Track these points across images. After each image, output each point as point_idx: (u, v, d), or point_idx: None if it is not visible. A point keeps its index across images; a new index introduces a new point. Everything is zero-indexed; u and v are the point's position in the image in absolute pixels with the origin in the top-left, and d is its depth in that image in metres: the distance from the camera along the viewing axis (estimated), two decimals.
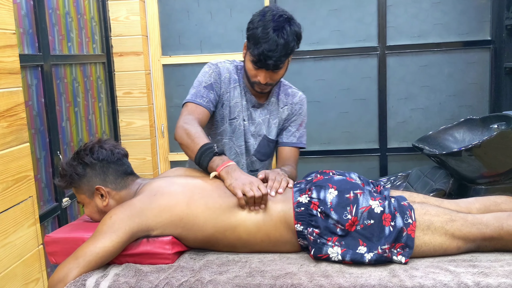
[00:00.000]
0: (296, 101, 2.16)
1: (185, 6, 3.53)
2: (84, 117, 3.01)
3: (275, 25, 1.85)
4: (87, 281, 1.41)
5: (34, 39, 2.46)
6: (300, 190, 1.62)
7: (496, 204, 1.63)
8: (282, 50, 1.85)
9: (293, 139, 2.16)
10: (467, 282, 1.32)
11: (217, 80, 2.06)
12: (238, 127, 2.11)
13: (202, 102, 1.99)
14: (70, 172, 1.67)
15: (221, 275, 1.42)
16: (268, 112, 2.13)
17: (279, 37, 1.84)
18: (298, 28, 1.92)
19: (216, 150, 1.76)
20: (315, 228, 1.52)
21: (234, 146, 2.13)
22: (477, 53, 3.42)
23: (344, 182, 1.58)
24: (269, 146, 2.17)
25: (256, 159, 2.17)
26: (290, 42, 1.86)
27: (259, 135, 2.13)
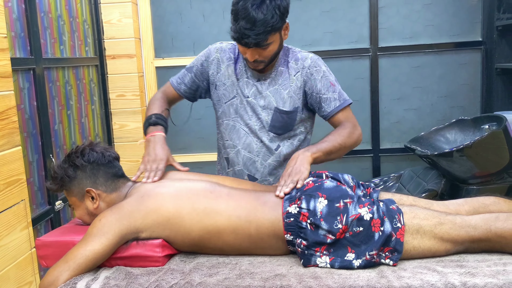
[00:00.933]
0: (308, 64, 1.99)
1: (177, 8, 3.54)
2: (77, 120, 3.01)
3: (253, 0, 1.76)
4: (77, 284, 1.42)
5: (26, 42, 2.46)
6: (290, 198, 1.61)
7: (485, 205, 1.64)
8: (260, 26, 1.75)
9: (336, 103, 1.97)
10: (454, 282, 1.33)
11: (203, 62, 2.08)
12: (239, 105, 2.03)
13: (174, 82, 2.14)
14: (61, 175, 1.68)
15: (211, 277, 1.43)
16: (277, 83, 2.00)
17: (257, 12, 1.74)
18: (283, 1, 1.80)
19: (151, 121, 1.96)
20: (303, 240, 1.52)
21: (240, 126, 2.04)
22: (468, 54, 3.44)
23: (334, 190, 1.58)
24: (284, 118, 2.00)
25: (274, 134, 2.02)
26: (268, 18, 1.76)
27: (270, 108, 1.99)
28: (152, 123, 1.96)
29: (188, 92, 2.12)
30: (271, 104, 1.99)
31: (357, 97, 3.53)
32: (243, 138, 2.04)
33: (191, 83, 2.10)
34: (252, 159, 2.03)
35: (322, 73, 1.98)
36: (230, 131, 2.06)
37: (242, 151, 2.04)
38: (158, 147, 1.88)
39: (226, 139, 2.09)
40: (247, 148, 2.03)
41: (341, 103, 1.98)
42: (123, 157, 3.50)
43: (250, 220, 1.57)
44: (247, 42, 1.79)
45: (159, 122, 1.97)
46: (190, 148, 3.66)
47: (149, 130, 1.96)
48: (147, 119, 2.00)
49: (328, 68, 2.03)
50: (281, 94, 1.99)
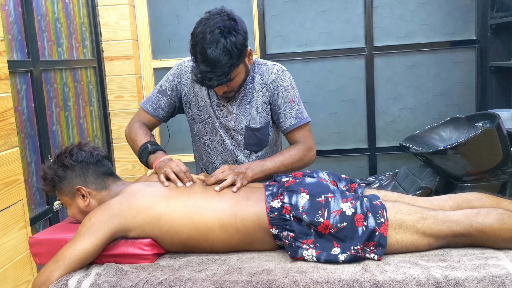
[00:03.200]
0: (272, 79, 1.99)
1: (174, 10, 3.58)
2: (75, 121, 3.05)
3: (210, 41, 1.72)
4: (69, 281, 1.45)
5: (23, 45, 2.50)
6: (273, 194, 1.65)
7: (468, 201, 1.67)
8: (219, 68, 1.74)
9: (292, 121, 1.99)
10: (436, 276, 1.36)
11: (175, 83, 2.05)
12: (214, 125, 2.04)
13: (150, 109, 2.09)
14: (51, 175, 1.72)
15: (200, 272, 1.47)
16: (246, 101, 2.00)
17: (215, 55, 1.72)
18: (238, 36, 1.77)
19: (150, 149, 1.93)
20: (290, 232, 1.56)
21: (217, 145, 2.07)
22: (463, 53, 3.46)
23: (315, 186, 1.62)
24: (256, 135, 2.03)
25: (249, 151, 2.06)
26: (227, 59, 1.74)
27: (241, 127, 2.01)
28: (152, 151, 1.93)
29: (165, 115, 2.10)
30: (241, 124, 2.01)
31: (352, 97, 3.57)
32: (220, 156, 2.08)
33: (168, 106, 2.08)
34: None
35: (284, 88, 1.99)
36: (207, 148, 2.09)
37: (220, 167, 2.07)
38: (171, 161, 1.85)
39: (204, 155, 2.12)
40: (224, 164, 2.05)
41: (297, 121, 1.99)
42: (121, 157, 3.55)
43: (235, 213, 1.61)
44: (210, 85, 1.80)
45: (158, 148, 1.95)
46: (189, 149, 3.68)
47: (151, 159, 1.92)
48: (143, 149, 1.96)
49: (292, 83, 2.02)
50: (250, 112, 2.00)
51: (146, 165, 1.96)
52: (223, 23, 1.75)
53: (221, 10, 1.81)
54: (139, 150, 1.97)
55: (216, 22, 1.75)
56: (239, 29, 1.78)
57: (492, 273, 1.36)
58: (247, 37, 1.83)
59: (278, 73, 2.00)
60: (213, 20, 1.76)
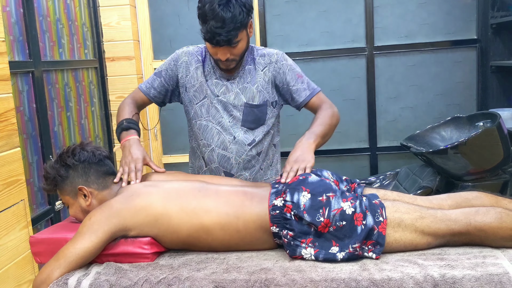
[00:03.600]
0: (275, 59, 2.09)
1: (175, 11, 3.59)
2: (77, 121, 3.07)
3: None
4: (69, 280, 1.46)
5: (25, 46, 2.51)
6: (277, 192, 1.65)
7: (467, 200, 1.68)
8: (229, 24, 1.83)
9: (307, 93, 2.07)
10: (433, 274, 1.37)
11: (171, 66, 2.11)
12: (210, 105, 2.08)
13: (143, 87, 2.16)
14: (54, 175, 1.73)
15: (199, 271, 1.48)
16: (246, 80, 2.07)
17: (225, 11, 1.81)
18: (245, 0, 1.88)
19: (123, 126, 2.00)
20: (289, 231, 1.56)
21: (213, 125, 2.09)
22: (463, 52, 3.47)
23: (317, 185, 1.62)
24: (255, 112, 2.07)
25: (246, 128, 2.08)
26: (237, 15, 1.83)
27: (241, 104, 2.06)
28: (125, 128, 2.00)
29: (157, 96, 2.15)
30: (241, 100, 2.06)
31: (353, 96, 3.57)
32: (216, 137, 2.09)
33: (160, 87, 2.13)
34: (227, 156, 2.08)
35: (288, 66, 2.08)
36: (203, 130, 2.11)
37: (216, 149, 2.09)
38: (134, 148, 1.92)
39: (200, 138, 2.13)
40: (221, 145, 2.08)
41: (311, 91, 2.08)
42: None
43: (238, 215, 1.61)
44: (218, 40, 1.85)
45: (131, 127, 2.01)
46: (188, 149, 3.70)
47: (122, 135, 2.01)
48: (119, 125, 2.05)
49: (293, 62, 2.12)
50: (250, 89, 2.06)
51: (119, 140, 2.04)
52: None
53: None
54: (118, 124, 2.06)
55: None
56: None
57: (490, 272, 1.36)
58: (252, 3, 1.93)
59: (279, 54, 2.10)
60: None
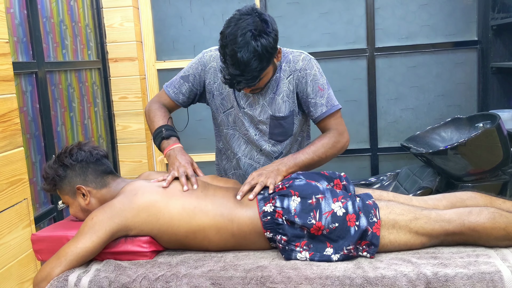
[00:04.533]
0: (300, 67, 1.93)
1: (178, 12, 3.62)
2: (80, 121, 3.10)
3: (241, 44, 1.70)
4: (69, 277, 1.50)
5: (28, 47, 2.54)
6: (264, 198, 1.67)
7: (462, 200, 1.69)
8: (249, 72, 1.73)
9: (323, 109, 1.94)
10: (426, 273, 1.39)
11: (199, 71, 2.03)
12: (237, 116, 2.01)
13: (171, 92, 2.09)
14: (52, 175, 1.76)
15: (196, 269, 1.50)
16: (273, 91, 1.96)
17: (245, 58, 1.69)
18: (268, 37, 1.73)
19: (164, 134, 1.95)
20: (283, 236, 1.58)
21: (240, 135, 2.04)
22: (464, 54, 3.48)
23: (305, 187, 1.64)
24: (281, 124, 1.99)
25: (275, 141, 2.03)
26: (256, 64, 1.72)
27: (267, 117, 1.98)
28: (166, 137, 1.95)
29: (186, 101, 2.10)
30: (267, 113, 1.97)
31: (354, 97, 3.59)
32: (243, 147, 2.06)
33: (189, 92, 2.07)
34: (253, 165, 2.07)
35: (312, 76, 1.94)
36: (230, 139, 2.09)
37: (243, 158, 2.08)
38: (180, 156, 1.87)
39: (226, 146, 2.12)
40: (248, 155, 2.07)
41: (328, 109, 1.94)
42: (126, 157, 3.60)
43: (231, 218, 1.63)
44: (239, 88, 1.80)
45: (172, 134, 1.96)
46: (193, 149, 3.73)
47: (164, 145, 1.95)
48: (157, 133, 1.98)
49: (320, 70, 1.97)
50: (276, 100, 1.96)
51: (159, 148, 1.99)
52: (254, 25, 1.71)
53: (252, 9, 1.76)
54: (155, 132, 1.99)
55: (248, 24, 1.70)
56: (270, 31, 1.74)
57: (482, 270, 1.39)
58: (278, 37, 1.79)
59: (306, 61, 1.95)
60: (245, 21, 1.71)
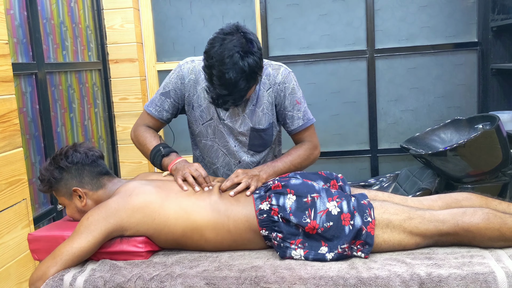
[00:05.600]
0: (279, 80, 1.98)
1: (178, 14, 3.63)
2: (80, 122, 3.11)
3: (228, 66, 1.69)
4: (64, 276, 1.50)
5: (28, 48, 2.56)
6: (261, 197, 1.68)
7: (457, 201, 1.69)
8: (237, 92, 1.74)
9: (299, 122, 2.02)
10: (420, 273, 1.39)
11: (178, 85, 2.02)
12: (217, 127, 2.02)
13: (153, 111, 2.06)
14: (48, 177, 1.76)
15: (191, 269, 1.51)
16: (252, 103, 1.98)
17: (232, 79, 1.69)
18: (255, 56, 1.73)
19: (163, 152, 1.95)
20: (278, 233, 1.59)
21: (219, 147, 2.06)
22: (464, 55, 3.47)
23: (301, 186, 1.65)
24: (261, 136, 2.02)
25: (253, 152, 2.06)
26: (243, 85, 1.72)
27: (247, 129, 2.00)
28: (165, 154, 1.95)
29: (169, 117, 2.09)
30: (247, 125, 1.99)
31: (354, 99, 3.59)
32: (221, 158, 2.08)
33: (172, 107, 2.06)
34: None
35: (290, 90, 1.99)
36: (208, 150, 2.09)
37: (221, 169, 2.09)
38: (189, 164, 1.88)
39: (204, 156, 2.13)
40: (226, 166, 2.08)
41: (305, 122, 2.02)
42: (126, 158, 3.61)
43: (228, 214, 1.64)
44: (225, 108, 1.81)
45: (171, 151, 1.97)
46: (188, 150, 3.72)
47: (166, 162, 1.94)
48: (155, 152, 1.97)
49: (297, 84, 2.03)
50: (256, 113, 1.99)
51: (160, 168, 1.97)
52: (240, 46, 1.71)
53: (236, 28, 1.76)
54: (151, 153, 1.97)
55: (234, 46, 1.70)
56: (256, 51, 1.75)
57: (476, 271, 1.38)
58: (262, 56, 1.80)
59: (285, 74, 2.00)
60: (230, 42, 1.71)
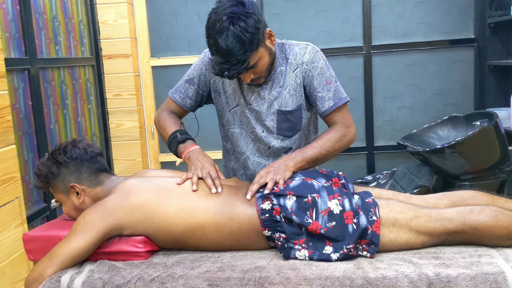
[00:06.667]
0: (307, 60, 1.88)
1: (173, 9, 3.58)
2: (73, 119, 3.06)
3: (219, 30, 1.66)
4: (62, 277, 1.46)
5: (21, 43, 2.50)
6: (262, 197, 1.63)
7: (463, 199, 1.67)
8: (233, 57, 1.68)
9: (330, 103, 1.88)
10: (428, 273, 1.36)
11: (203, 72, 1.99)
12: (243, 113, 1.97)
13: (178, 98, 2.04)
14: (45, 172, 1.71)
15: (193, 270, 1.47)
16: (279, 84, 1.91)
17: (225, 44, 1.66)
18: (248, 19, 1.68)
19: (179, 139, 1.93)
20: (281, 233, 1.55)
21: (247, 134, 1.99)
22: (461, 52, 3.46)
23: (300, 187, 1.61)
24: (289, 119, 1.93)
25: (283, 137, 1.97)
26: (238, 48, 1.68)
27: (273, 112, 1.93)
28: (181, 141, 1.92)
29: (193, 105, 2.05)
30: (273, 108, 1.93)
31: (351, 95, 3.53)
32: (251, 145, 2.01)
33: (195, 95, 2.02)
34: (262, 163, 2.02)
35: (319, 70, 1.88)
36: (237, 138, 2.04)
37: (251, 157, 2.03)
38: (202, 158, 1.84)
39: (234, 145, 2.07)
40: (256, 153, 2.02)
41: (335, 102, 1.89)
42: (119, 155, 3.56)
43: (231, 216, 1.60)
44: (229, 76, 1.75)
45: (187, 138, 1.93)
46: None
47: (181, 148, 1.92)
48: (172, 138, 1.95)
49: (326, 63, 1.92)
50: (282, 95, 1.92)
51: (176, 154, 1.95)
52: (230, 9, 1.68)
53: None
54: (169, 138, 1.96)
55: (224, 10, 1.68)
56: (250, 12, 1.70)
57: (485, 271, 1.36)
58: (261, 19, 1.74)
59: (312, 53, 1.90)
60: (221, 8, 1.69)
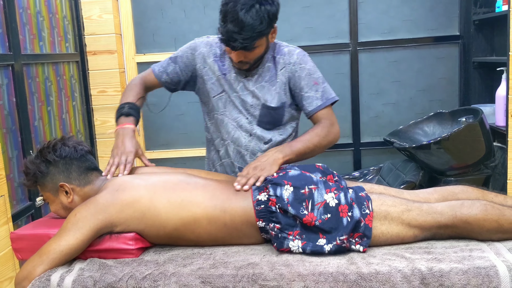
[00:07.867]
0: (294, 61, 1.96)
1: (158, 4, 3.55)
2: (58, 116, 3.01)
3: (244, 2, 1.74)
4: (51, 276, 1.43)
5: (4, 38, 2.46)
6: (258, 188, 1.65)
7: (454, 194, 1.69)
8: (248, 31, 1.75)
9: (318, 102, 1.96)
10: (421, 268, 1.37)
11: (188, 54, 2.05)
12: (228, 100, 2.02)
13: (156, 70, 2.11)
14: (34, 170, 1.68)
15: (185, 267, 1.46)
16: (264, 79, 1.99)
17: (246, 17, 1.73)
18: (272, 6, 1.80)
19: (124, 111, 1.97)
20: (276, 224, 1.56)
21: (229, 121, 2.03)
22: (446, 48, 3.48)
23: (298, 178, 1.62)
24: (271, 114, 2.00)
25: (262, 128, 2.03)
26: (257, 24, 1.75)
27: (257, 104, 1.99)
28: (125, 114, 1.97)
29: (168, 82, 2.10)
30: (257, 100, 1.99)
31: (337, 92, 3.47)
32: (232, 133, 2.04)
33: (173, 74, 2.07)
34: (241, 152, 2.04)
35: (306, 71, 1.96)
36: (219, 125, 2.06)
37: (231, 145, 2.05)
38: (127, 140, 1.89)
39: (215, 132, 2.10)
40: (236, 142, 2.04)
41: (323, 102, 1.97)
42: (105, 153, 3.52)
43: (224, 209, 1.60)
44: (234, 46, 1.79)
45: (131, 113, 1.98)
46: (173, 144, 3.67)
47: (120, 121, 1.97)
48: (120, 107, 2.01)
49: (314, 66, 2.01)
50: (268, 90, 1.98)
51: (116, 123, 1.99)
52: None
53: None
54: (119, 106, 2.03)
55: None
56: (275, 2, 1.81)
57: (477, 265, 1.37)
58: (278, 12, 1.84)
59: (300, 56, 1.99)
60: None
